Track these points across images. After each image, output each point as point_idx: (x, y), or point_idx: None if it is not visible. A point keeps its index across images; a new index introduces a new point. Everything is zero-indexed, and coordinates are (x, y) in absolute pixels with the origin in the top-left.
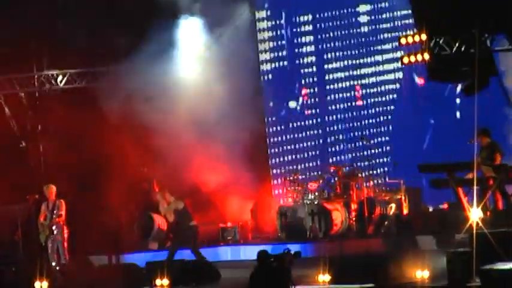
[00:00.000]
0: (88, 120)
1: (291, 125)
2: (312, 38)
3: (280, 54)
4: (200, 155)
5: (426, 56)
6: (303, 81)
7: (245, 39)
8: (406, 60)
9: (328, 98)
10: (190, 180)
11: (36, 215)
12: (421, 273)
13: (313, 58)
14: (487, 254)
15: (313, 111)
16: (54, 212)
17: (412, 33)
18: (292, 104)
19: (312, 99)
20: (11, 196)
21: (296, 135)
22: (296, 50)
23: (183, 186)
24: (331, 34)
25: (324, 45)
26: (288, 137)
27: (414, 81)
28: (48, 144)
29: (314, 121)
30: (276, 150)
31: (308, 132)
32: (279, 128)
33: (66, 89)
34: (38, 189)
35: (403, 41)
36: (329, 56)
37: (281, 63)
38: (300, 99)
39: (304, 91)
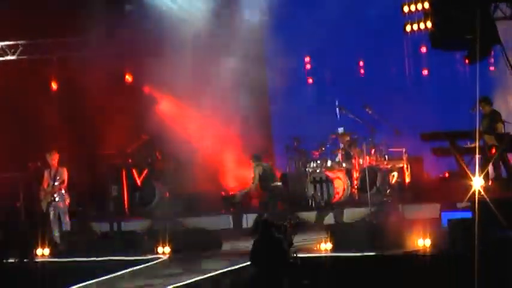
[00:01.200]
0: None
1: (293, 91)
2: None
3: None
4: (200, 124)
5: (429, 24)
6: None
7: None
8: (408, 28)
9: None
10: (190, 147)
11: (38, 182)
12: (423, 242)
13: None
14: (489, 221)
15: (316, 78)
16: (57, 179)
17: (414, 1)
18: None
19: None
20: (13, 163)
21: (298, 103)
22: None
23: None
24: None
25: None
26: (290, 104)
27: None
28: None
29: (316, 89)
30: (278, 118)
31: (310, 100)
32: (281, 95)
33: None
34: (40, 156)
35: (405, 9)
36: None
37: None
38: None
39: (307, 59)
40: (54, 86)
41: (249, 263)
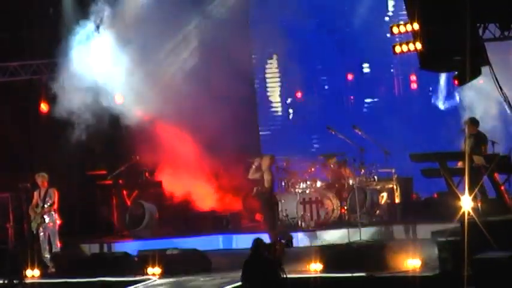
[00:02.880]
0: None
1: (282, 113)
2: None
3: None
4: (188, 144)
5: (418, 46)
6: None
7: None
8: (398, 49)
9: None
10: (180, 168)
11: (28, 203)
12: (413, 262)
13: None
14: (478, 243)
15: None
16: (46, 200)
17: (403, 22)
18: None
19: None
20: (3, 184)
21: (288, 124)
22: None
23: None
24: None
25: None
26: (279, 125)
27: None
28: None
29: (305, 110)
30: (268, 138)
31: (299, 121)
32: (270, 116)
33: None
34: (30, 178)
35: (395, 30)
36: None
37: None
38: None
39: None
40: (44, 107)
41: (239, 283)
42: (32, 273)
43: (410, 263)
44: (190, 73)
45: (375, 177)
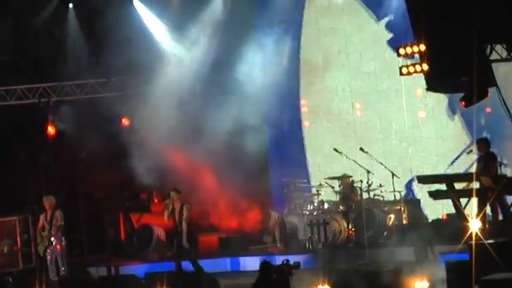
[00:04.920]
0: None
1: (289, 134)
2: None
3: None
4: (196, 165)
5: (425, 67)
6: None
7: None
8: (405, 70)
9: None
10: (188, 190)
11: (35, 226)
12: (420, 284)
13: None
14: (486, 264)
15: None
16: (53, 222)
17: (410, 43)
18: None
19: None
20: (10, 207)
21: (295, 145)
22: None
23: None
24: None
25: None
26: (287, 146)
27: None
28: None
29: (313, 131)
30: (276, 159)
31: (307, 143)
32: (278, 137)
33: None
34: (37, 200)
35: (401, 51)
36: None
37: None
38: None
39: (302, 101)
40: (51, 130)
41: None
42: None
43: (419, 285)
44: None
45: (383, 198)
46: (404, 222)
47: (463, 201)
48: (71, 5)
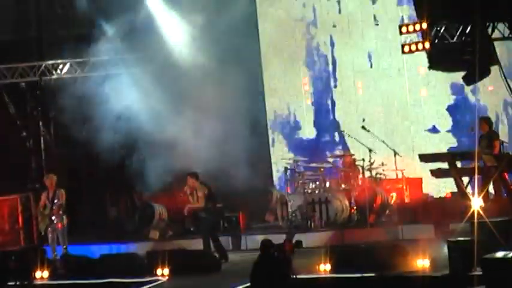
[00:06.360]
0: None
1: (292, 112)
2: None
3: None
4: (198, 144)
5: (427, 45)
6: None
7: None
8: (406, 49)
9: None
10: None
11: (37, 205)
12: (422, 263)
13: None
14: (488, 243)
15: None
16: (54, 201)
17: (412, 22)
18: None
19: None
20: (12, 185)
21: (296, 123)
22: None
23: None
24: None
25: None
26: (289, 125)
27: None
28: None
29: (315, 109)
30: (277, 138)
31: (308, 120)
32: (279, 116)
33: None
34: (39, 179)
35: (403, 29)
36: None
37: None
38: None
39: (305, 80)
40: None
41: (248, 284)
42: (41, 275)
43: (420, 263)
44: None
45: (385, 177)
46: (406, 200)
47: (465, 180)
48: None
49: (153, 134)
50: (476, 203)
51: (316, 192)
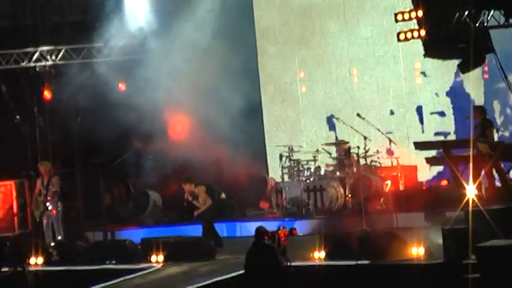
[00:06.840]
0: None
1: (286, 101)
2: None
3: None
4: (193, 132)
5: (422, 33)
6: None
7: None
8: (402, 36)
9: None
10: (183, 157)
11: (31, 191)
12: (417, 250)
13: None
14: (483, 231)
15: (309, 87)
16: (49, 188)
17: (408, 9)
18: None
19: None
20: (6, 172)
21: (291, 112)
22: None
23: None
24: None
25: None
26: (283, 113)
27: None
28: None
29: (309, 97)
30: (272, 126)
31: (303, 109)
32: (275, 104)
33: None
34: (33, 166)
35: (399, 17)
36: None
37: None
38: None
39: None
40: (47, 94)
41: (242, 271)
42: (36, 261)
43: (415, 251)
44: None
45: (379, 165)
46: (401, 188)
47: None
48: None
49: (148, 120)
50: (471, 191)
51: (311, 179)
